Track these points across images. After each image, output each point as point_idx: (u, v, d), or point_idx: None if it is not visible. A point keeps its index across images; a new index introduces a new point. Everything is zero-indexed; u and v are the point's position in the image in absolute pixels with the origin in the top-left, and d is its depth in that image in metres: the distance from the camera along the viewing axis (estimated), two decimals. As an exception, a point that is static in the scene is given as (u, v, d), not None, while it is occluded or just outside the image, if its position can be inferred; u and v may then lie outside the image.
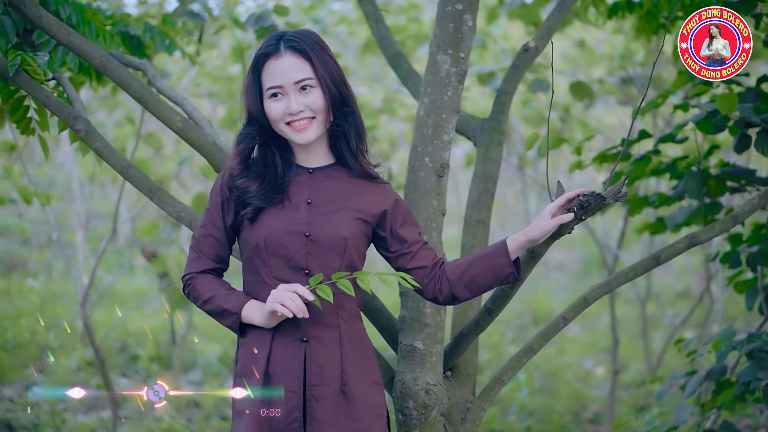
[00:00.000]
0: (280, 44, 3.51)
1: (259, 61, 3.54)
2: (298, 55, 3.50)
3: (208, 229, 3.65)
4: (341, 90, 3.55)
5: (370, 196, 3.60)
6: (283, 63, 3.50)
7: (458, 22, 4.03)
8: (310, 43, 3.52)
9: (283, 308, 3.36)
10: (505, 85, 4.59)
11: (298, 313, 3.35)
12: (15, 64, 4.03)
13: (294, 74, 3.49)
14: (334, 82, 3.53)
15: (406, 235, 3.60)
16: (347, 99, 3.59)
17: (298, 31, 3.57)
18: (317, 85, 3.51)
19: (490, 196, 4.42)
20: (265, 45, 3.54)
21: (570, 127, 9.83)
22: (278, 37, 3.55)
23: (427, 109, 4.03)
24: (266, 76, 3.52)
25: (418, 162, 4.02)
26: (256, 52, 3.56)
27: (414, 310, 3.97)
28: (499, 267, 3.52)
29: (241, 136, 3.60)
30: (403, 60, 4.95)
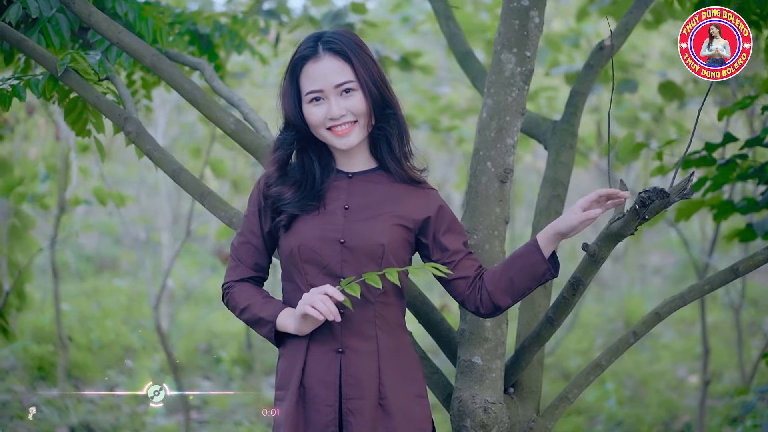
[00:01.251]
0: (318, 46, 3.36)
1: (297, 65, 3.39)
2: (337, 57, 3.35)
3: (246, 237, 3.53)
4: (383, 92, 3.39)
5: (413, 202, 3.43)
6: (323, 66, 3.35)
7: (524, 18, 3.80)
8: (349, 44, 3.36)
9: (313, 311, 3.21)
10: (579, 86, 4.37)
11: (329, 315, 3.21)
12: (64, 63, 3.91)
13: (334, 77, 3.34)
14: (375, 84, 3.37)
15: (449, 243, 3.42)
16: (389, 101, 3.42)
17: (336, 32, 3.41)
18: (358, 87, 3.36)
19: (560, 203, 4.20)
20: (302, 48, 3.39)
21: (664, 127, 9.51)
22: (315, 38, 3.39)
23: (490, 111, 3.82)
24: (305, 79, 3.37)
25: (480, 167, 3.81)
26: (293, 55, 3.41)
27: (473, 324, 3.76)
28: (533, 265, 3.34)
29: (278, 142, 3.47)
30: (474, 60, 4.75)
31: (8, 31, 3.95)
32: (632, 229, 3.27)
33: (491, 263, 3.74)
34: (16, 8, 4.12)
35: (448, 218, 3.45)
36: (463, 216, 3.81)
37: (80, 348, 9.90)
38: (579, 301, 4.10)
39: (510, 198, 3.85)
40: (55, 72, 3.93)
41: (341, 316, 3.32)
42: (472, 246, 3.75)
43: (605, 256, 3.41)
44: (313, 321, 3.31)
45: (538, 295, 4.06)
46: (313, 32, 3.46)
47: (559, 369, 10.19)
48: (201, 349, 10.50)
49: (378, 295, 3.37)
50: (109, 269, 14.11)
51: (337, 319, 3.23)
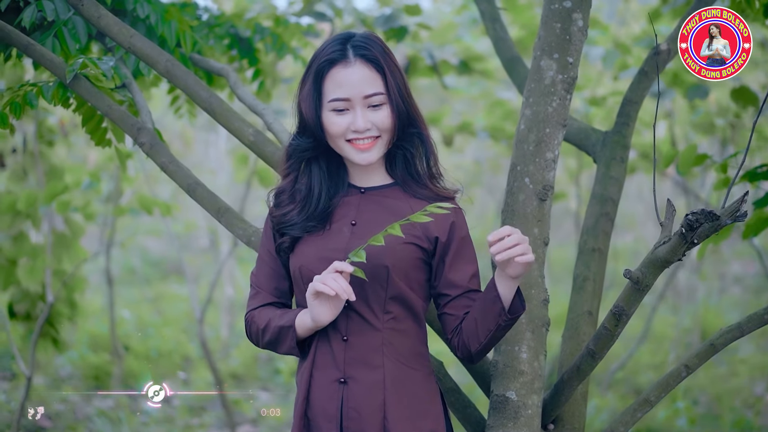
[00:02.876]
0: (348, 50, 3.08)
1: (323, 68, 3.09)
2: (369, 66, 3.07)
3: (263, 260, 3.28)
4: (409, 108, 3.12)
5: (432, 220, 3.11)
6: (353, 73, 3.06)
7: (566, 21, 3.47)
8: (381, 53, 3.09)
9: (323, 286, 2.91)
10: (631, 94, 4.04)
11: (342, 292, 2.90)
12: (73, 70, 3.67)
13: (364, 87, 3.06)
14: (403, 99, 3.10)
15: (451, 274, 3.13)
16: (414, 119, 3.15)
17: (366, 36, 3.12)
18: (387, 101, 3.09)
19: (609, 221, 3.88)
20: (329, 49, 3.09)
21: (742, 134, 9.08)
22: (343, 40, 3.11)
23: (528, 123, 3.49)
24: (330, 85, 3.08)
25: (518, 183, 3.49)
26: (319, 57, 3.11)
27: (508, 355, 3.44)
28: (491, 302, 3.02)
29: (291, 149, 3.20)
30: (521, 65, 4.43)
31: (15, 34, 3.74)
32: (680, 255, 2.96)
33: (528, 289, 3.43)
34: (31, 11, 3.91)
35: (458, 245, 3.14)
36: (499, 237, 3.49)
37: (138, 357, 9.74)
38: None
39: (550, 217, 3.51)
40: (64, 79, 3.70)
41: (345, 343, 3.09)
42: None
43: (650, 284, 3.10)
44: (329, 306, 3.00)
45: (584, 323, 3.74)
46: (339, 33, 3.18)
47: (631, 384, 9.80)
48: (261, 359, 10.29)
49: (386, 321, 3.10)
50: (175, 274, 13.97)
51: (351, 298, 2.92)
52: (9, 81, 6.23)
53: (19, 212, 6.81)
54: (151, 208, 6.84)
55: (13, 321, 7.21)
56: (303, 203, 3.16)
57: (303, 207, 3.16)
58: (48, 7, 3.91)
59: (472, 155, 12.87)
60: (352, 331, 3.10)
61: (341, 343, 3.10)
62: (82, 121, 4.04)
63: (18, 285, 7.02)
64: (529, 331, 3.43)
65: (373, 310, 3.08)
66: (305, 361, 3.17)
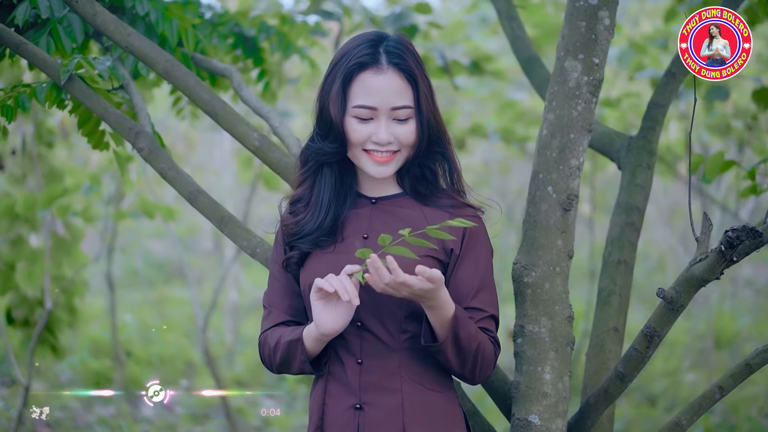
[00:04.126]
0: (380, 56, 2.86)
1: (352, 71, 2.86)
2: (401, 76, 2.86)
3: (275, 277, 3.05)
4: (438, 125, 2.92)
5: (445, 227, 2.88)
6: (384, 82, 2.85)
7: (592, 20, 3.24)
8: (415, 63, 2.88)
9: (325, 283, 2.70)
10: (658, 97, 3.82)
11: (343, 292, 2.67)
12: (68, 70, 3.47)
13: (394, 98, 2.85)
14: (433, 115, 2.90)
15: (455, 287, 2.91)
16: (441, 138, 2.94)
17: (400, 42, 2.90)
18: (414, 116, 2.88)
19: (635, 232, 3.66)
20: (361, 51, 2.87)
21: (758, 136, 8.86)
22: (375, 42, 2.89)
23: (551, 128, 3.27)
24: (357, 89, 2.86)
25: (540, 192, 3.26)
26: (348, 57, 2.89)
27: (530, 376, 3.21)
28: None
29: (310, 152, 2.97)
30: (539, 65, 4.22)
31: (6, 33, 3.53)
32: (718, 274, 2.78)
33: (552, 305, 3.20)
34: (24, 8, 3.72)
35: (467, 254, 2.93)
36: (520, 249, 3.27)
37: (140, 362, 9.56)
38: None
39: (574, 228, 3.29)
40: (57, 80, 3.49)
41: (359, 366, 2.88)
42: (529, 285, 3.21)
43: (685, 303, 2.92)
44: (334, 311, 2.77)
45: (609, 341, 3.53)
46: (369, 32, 2.95)
47: (644, 392, 9.60)
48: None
49: (403, 341, 2.88)
50: (179, 277, 13.77)
51: (354, 301, 2.68)
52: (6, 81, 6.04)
53: (17, 216, 6.65)
54: (154, 213, 6.65)
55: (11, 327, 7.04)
56: (312, 212, 2.95)
57: (313, 218, 2.95)
58: (42, 4, 3.71)
59: (481, 157, 12.65)
60: (367, 353, 2.88)
61: (356, 366, 2.88)
62: (78, 124, 3.85)
63: (16, 290, 6.85)
64: (553, 350, 3.20)
65: (388, 329, 2.86)
66: (317, 388, 2.96)
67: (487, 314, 2.92)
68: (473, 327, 2.84)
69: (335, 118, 2.87)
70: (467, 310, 2.89)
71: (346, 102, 2.87)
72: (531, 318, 3.20)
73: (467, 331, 2.81)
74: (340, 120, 2.87)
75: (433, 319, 2.79)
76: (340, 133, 2.88)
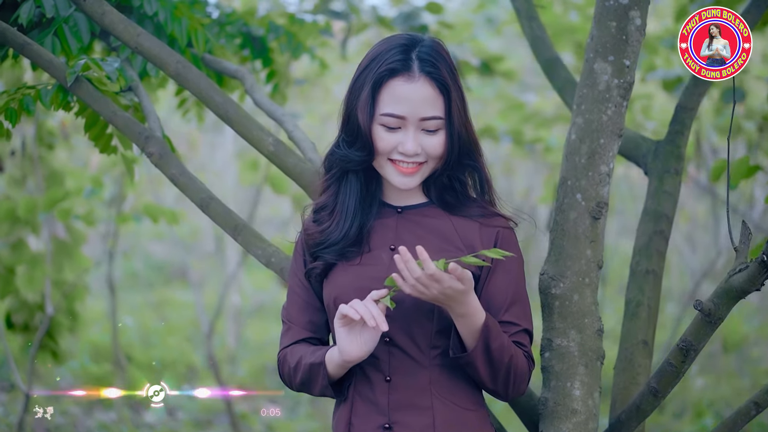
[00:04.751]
0: (413, 62, 2.72)
1: (382, 77, 2.72)
2: (433, 85, 2.71)
3: (294, 291, 2.92)
4: (470, 137, 2.79)
5: (475, 237, 2.80)
6: (416, 90, 2.71)
7: (623, 20, 3.11)
8: (448, 71, 2.73)
9: (350, 309, 2.58)
10: (686, 100, 3.68)
11: (369, 318, 2.56)
12: (74, 72, 3.33)
13: (424, 109, 2.71)
14: (465, 127, 2.77)
15: (486, 300, 2.77)
16: (472, 150, 2.81)
17: (434, 48, 2.75)
18: (444, 127, 2.74)
19: (663, 240, 3.53)
20: (392, 57, 2.73)
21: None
22: (408, 48, 2.74)
23: (580, 132, 3.13)
24: (387, 97, 2.72)
25: (568, 200, 3.13)
26: (378, 61, 2.74)
27: (559, 392, 3.08)
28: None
29: (336, 159, 2.83)
30: (560, 67, 4.07)
31: (10, 33, 3.39)
32: (759, 285, 2.66)
33: (581, 318, 3.07)
34: (28, 6, 3.58)
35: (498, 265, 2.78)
36: (547, 259, 3.13)
37: (140, 367, 9.43)
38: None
39: (603, 237, 3.16)
40: (64, 81, 3.35)
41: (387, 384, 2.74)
42: (557, 296, 3.08)
43: (723, 316, 2.81)
44: (359, 338, 2.65)
45: (639, 354, 3.39)
46: (401, 35, 2.81)
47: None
48: (269, 369, 9.96)
49: (434, 357, 2.75)
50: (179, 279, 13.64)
51: (382, 328, 2.57)
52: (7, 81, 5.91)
53: (17, 219, 6.52)
54: (157, 217, 6.52)
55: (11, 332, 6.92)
56: (337, 221, 2.82)
57: (338, 226, 2.81)
58: (47, 3, 3.57)
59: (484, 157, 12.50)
60: (396, 369, 2.75)
61: (384, 384, 2.74)
62: (84, 127, 3.71)
63: (16, 294, 6.74)
64: (582, 365, 3.07)
65: (418, 345, 2.73)
66: (342, 407, 2.81)
67: (521, 328, 2.79)
68: (506, 338, 2.71)
69: (363, 125, 2.73)
70: (501, 324, 2.76)
71: (374, 109, 2.73)
72: (559, 331, 3.07)
73: (499, 341, 2.68)
74: (368, 128, 2.73)
75: (462, 329, 2.67)
76: (368, 141, 2.74)
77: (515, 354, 2.74)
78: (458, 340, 2.70)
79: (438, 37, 6.52)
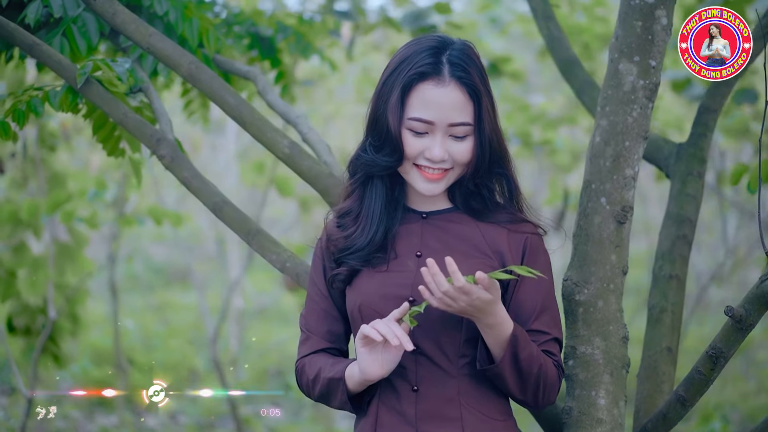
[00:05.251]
0: (443, 66, 2.63)
1: (412, 80, 2.64)
2: (463, 91, 2.63)
3: (313, 300, 2.84)
4: (500, 145, 2.71)
5: (503, 243, 2.72)
6: (445, 95, 2.62)
7: (648, 19, 3.02)
8: (479, 76, 2.65)
9: (372, 330, 2.51)
10: (709, 101, 3.60)
11: (392, 338, 2.49)
12: (84, 73, 3.25)
13: (452, 114, 2.63)
14: (495, 134, 2.69)
15: (515, 309, 2.70)
16: (502, 158, 2.73)
17: (464, 53, 2.67)
18: (472, 133, 2.66)
19: (686, 245, 3.45)
20: (422, 60, 2.64)
21: (778, 140, 8.65)
22: (438, 50, 2.66)
23: (604, 135, 3.05)
24: (415, 101, 2.64)
25: (592, 203, 3.04)
26: (408, 64, 2.66)
27: (583, 401, 2.99)
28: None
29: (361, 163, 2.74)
30: (579, 68, 4.00)
31: (18, 33, 3.32)
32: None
33: (606, 325, 2.99)
34: (35, 6, 3.51)
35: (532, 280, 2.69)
36: (571, 264, 3.05)
37: (142, 370, 9.35)
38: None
39: (629, 242, 3.08)
40: (74, 83, 3.27)
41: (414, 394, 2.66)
42: (581, 303, 3.00)
43: (755, 322, 2.72)
44: (381, 358, 2.58)
45: (663, 361, 3.31)
46: (432, 37, 2.72)
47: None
48: (271, 373, 9.88)
49: (462, 366, 2.67)
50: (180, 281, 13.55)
51: (407, 347, 2.50)
52: (10, 83, 5.83)
53: (19, 221, 6.44)
54: (161, 219, 6.44)
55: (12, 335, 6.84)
56: (363, 226, 2.74)
57: (363, 231, 2.73)
58: (55, 2, 3.51)
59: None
60: (423, 379, 2.66)
61: (411, 394, 2.66)
62: (93, 129, 3.63)
63: (17, 298, 6.66)
64: (608, 373, 2.99)
65: (446, 354, 2.65)
66: (366, 418, 2.73)
67: (551, 337, 2.72)
68: (534, 348, 2.63)
69: (393, 129, 2.65)
70: (530, 332, 2.68)
71: (403, 112, 2.66)
72: (583, 339, 2.98)
73: (527, 351, 2.61)
74: (398, 132, 2.65)
75: (489, 340, 2.59)
76: (398, 145, 2.66)
77: (544, 363, 2.66)
78: (485, 351, 2.62)
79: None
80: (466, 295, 2.47)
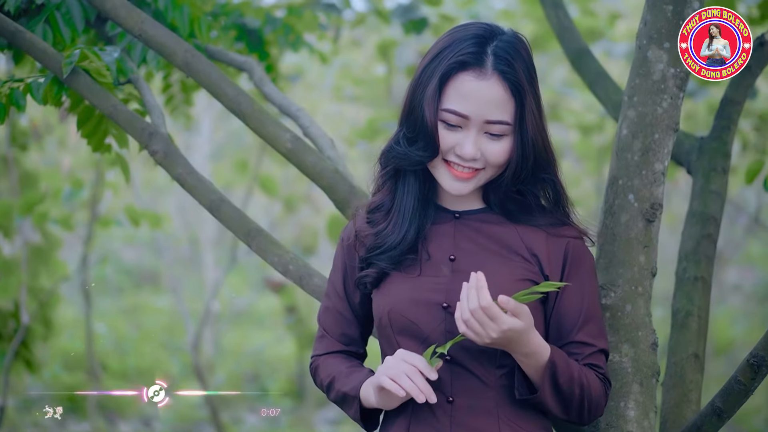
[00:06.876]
0: (487, 57, 2.43)
1: (452, 69, 2.44)
2: (506, 87, 2.43)
3: (330, 300, 2.68)
4: (546, 148, 2.51)
5: (542, 247, 2.53)
6: (485, 89, 2.42)
7: (679, 3, 2.85)
8: (525, 73, 2.44)
9: (392, 384, 2.33)
10: (732, 93, 3.41)
11: (416, 394, 2.32)
12: (71, 62, 3.03)
13: (490, 110, 2.43)
14: (540, 136, 2.48)
15: (556, 319, 2.52)
16: (547, 163, 2.52)
17: (512, 45, 2.47)
18: (510, 133, 2.45)
19: (711, 244, 3.26)
20: (464, 48, 2.44)
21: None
22: (484, 40, 2.45)
23: (632, 127, 2.86)
24: (452, 91, 2.44)
25: (619, 201, 2.85)
26: (449, 51, 2.46)
27: (611, 413, 2.81)
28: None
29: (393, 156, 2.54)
30: (591, 58, 3.82)
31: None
32: None
33: (634, 330, 2.81)
34: (16, -9, 3.28)
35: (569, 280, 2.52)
36: (596, 265, 2.85)
37: (114, 375, 9.13)
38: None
39: (657, 242, 2.89)
40: (59, 73, 3.05)
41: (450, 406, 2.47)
42: (607, 307, 2.81)
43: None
44: (399, 399, 2.41)
45: (690, 369, 3.11)
46: (478, 24, 2.52)
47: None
48: (247, 378, 9.68)
49: (500, 377, 2.48)
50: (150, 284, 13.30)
51: (431, 400, 2.33)
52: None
53: (-8, 224, 6.22)
54: (139, 220, 6.22)
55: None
56: (395, 222, 2.55)
57: (395, 228, 2.54)
58: (38, -13, 3.30)
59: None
60: (459, 390, 2.47)
61: (445, 406, 2.46)
62: (77, 123, 3.41)
63: (-13, 302, 6.43)
64: (637, 383, 2.80)
65: (483, 364, 2.45)
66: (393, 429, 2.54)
67: (596, 348, 2.52)
68: (575, 368, 2.44)
69: (429, 121, 2.45)
70: (573, 344, 2.49)
71: (438, 103, 2.45)
72: (611, 346, 2.80)
73: (567, 374, 2.41)
74: (434, 125, 2.45)
75: (527, 368, 2.41)
76: (433, 140, 2.46)
77: (587, 382, 2.46)
78: (523, 379, 2.44)
79: (439, 31, 6.29)
80: (494, 322, 2.28)
